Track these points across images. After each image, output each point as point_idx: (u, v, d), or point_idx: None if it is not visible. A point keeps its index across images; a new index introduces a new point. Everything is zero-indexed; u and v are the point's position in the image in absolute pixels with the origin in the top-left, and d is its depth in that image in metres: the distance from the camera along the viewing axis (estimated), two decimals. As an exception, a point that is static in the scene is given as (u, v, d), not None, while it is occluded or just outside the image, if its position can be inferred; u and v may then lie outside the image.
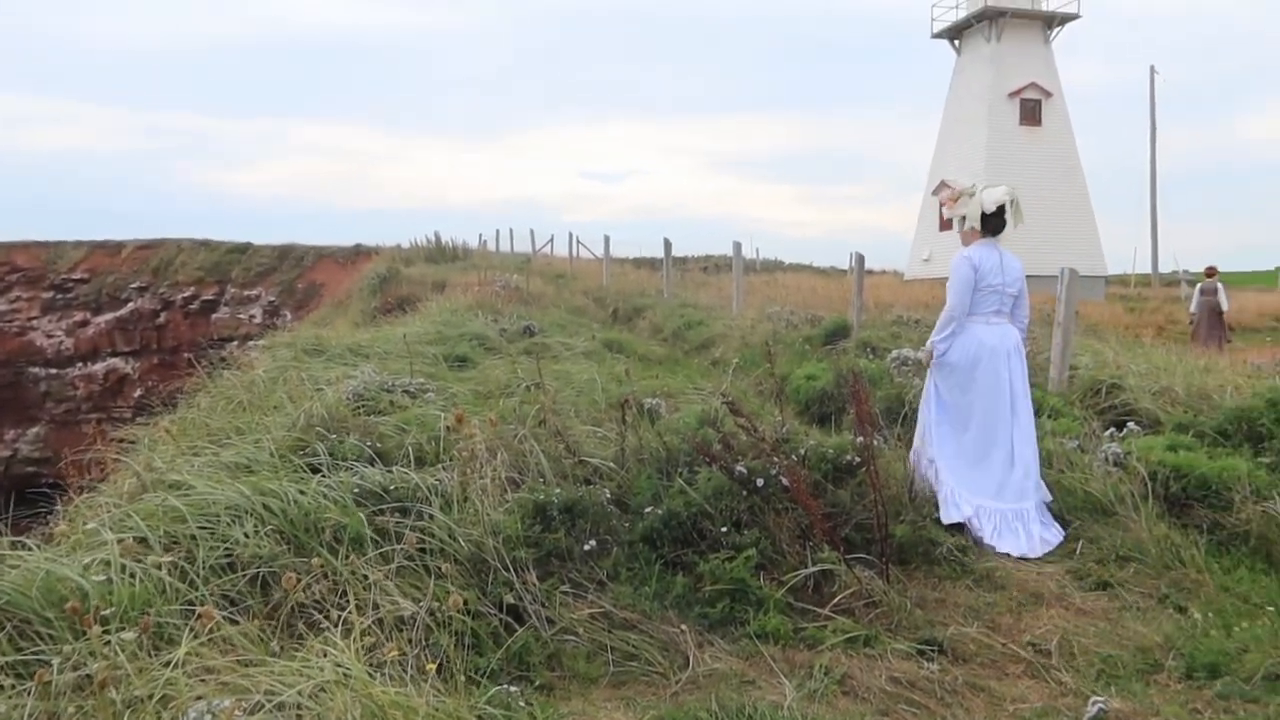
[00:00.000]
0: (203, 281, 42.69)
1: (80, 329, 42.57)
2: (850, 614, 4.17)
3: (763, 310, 14.82)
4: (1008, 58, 34.40)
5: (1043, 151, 34.27)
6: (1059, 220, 33.81)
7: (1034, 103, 34.48)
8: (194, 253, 43.96)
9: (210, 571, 3.60)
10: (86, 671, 2.84)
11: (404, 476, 4.48)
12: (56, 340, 42.56)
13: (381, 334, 10.42)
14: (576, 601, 4.02)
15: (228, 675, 2.85)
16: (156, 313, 42.38)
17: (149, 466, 4.85)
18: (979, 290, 5.62)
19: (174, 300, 42.27)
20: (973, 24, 35.28)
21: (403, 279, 22.13)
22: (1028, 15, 34.66)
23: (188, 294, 42.32)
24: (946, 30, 36.59)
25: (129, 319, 42.42)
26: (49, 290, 43.14)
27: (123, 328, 42.45)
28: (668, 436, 5.20)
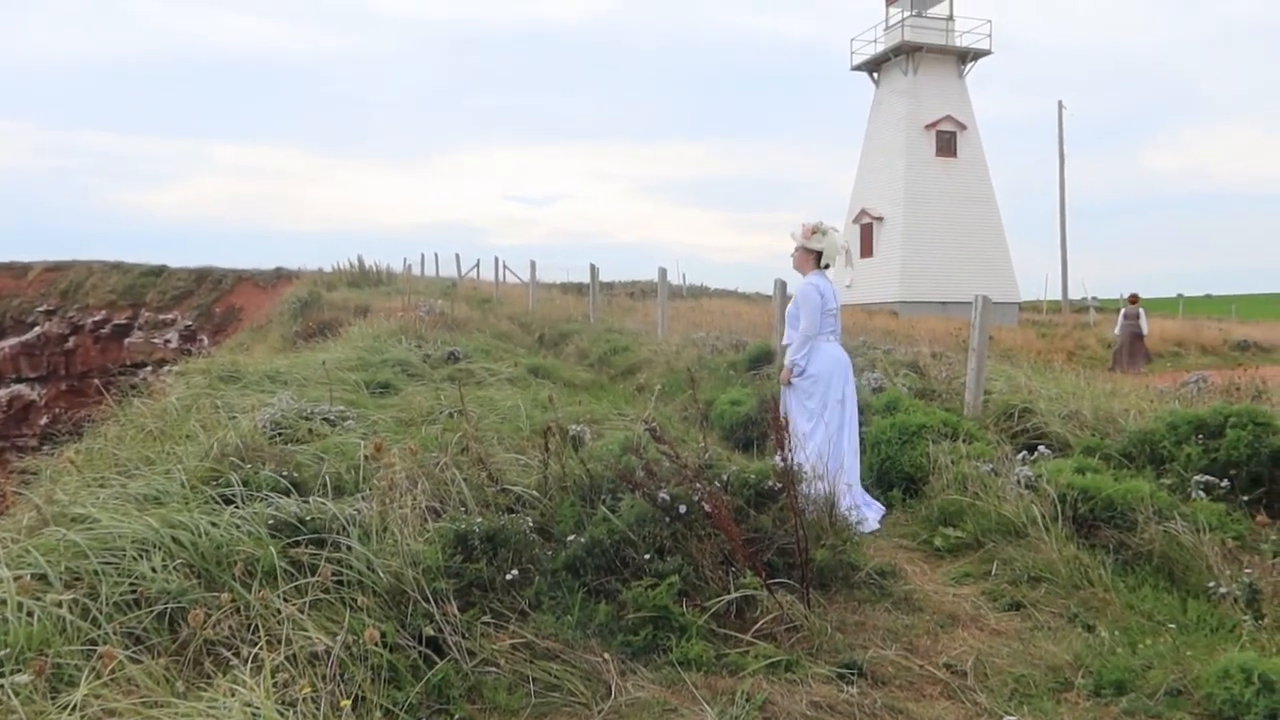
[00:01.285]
0: (115, 305, 41.39)
1: (-17, 354, 40.90)
2: (772, 639, 4.19)
3: (688, 336, 14.92)
4: (924, 91, 35.39)
5: (958, 181, 35.28)
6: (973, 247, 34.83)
7: (949, 135, 35.50)
8: (106, 275, 42.62)
9: (114, 609, 3.47)
10: (-21, 716, 2.71)
11: (321, 507, 4.38)
12: (-43, 366, 40.83)
13: (301, 360, 10.21)
14: (498, 632, 3.98)
15: (130, 718, 2.74)
16: (65, 337, 40.93)
17: (50, 499, 4.66)
18: (824, 313, 6.55)
19: (84, 324, 40.89)
20: (890, 58, 36.24)
21: (325, 304, 21.77)
22: (942, 51, 35.73)
23: (99, 318, 40.98)
24: (865, 63, 37.53)
25: (35, 343, 40.89)
26: (-51, 314, 41.39)
27: (28, 352, 40.89)
28: (591, 464, 5.19)
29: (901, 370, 9.92)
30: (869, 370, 9.74)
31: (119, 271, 42.97)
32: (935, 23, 36.08)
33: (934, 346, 12.58)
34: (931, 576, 5.22)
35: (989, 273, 34.11)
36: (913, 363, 10.49)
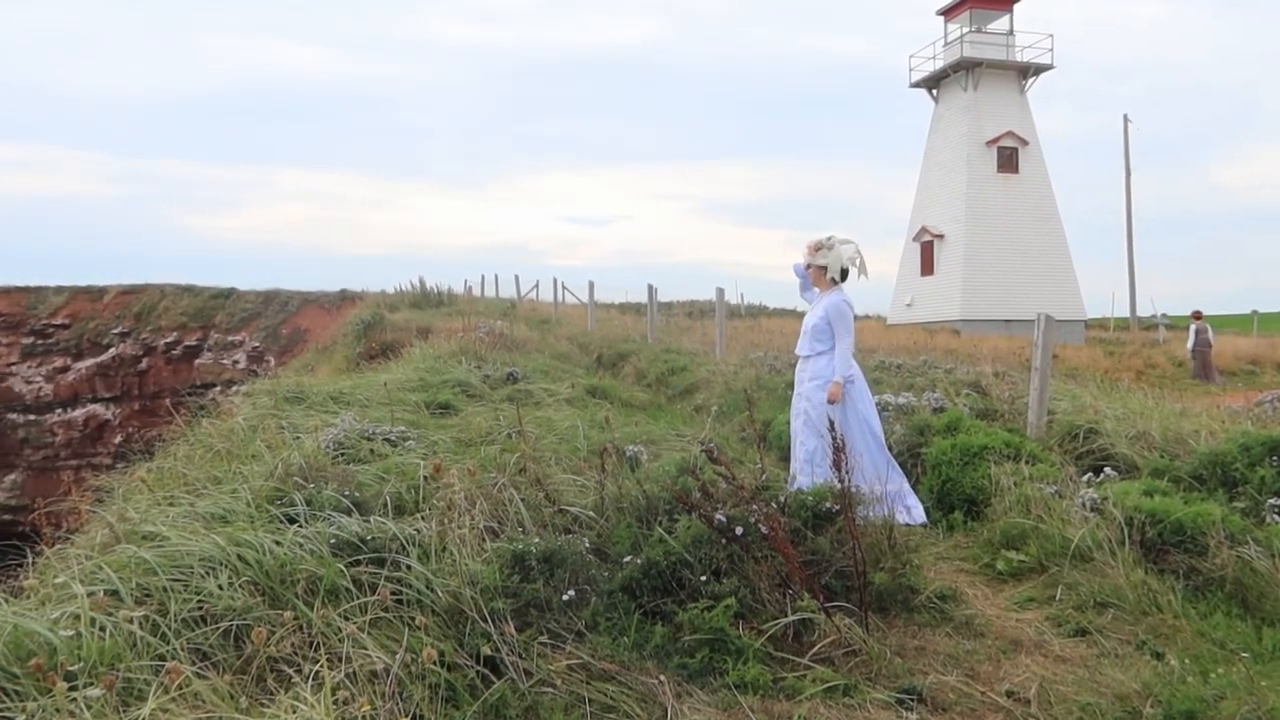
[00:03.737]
0: (186, 327, 42.54)
1: (60, 375, 42.27)
2: (830, 663, 4.15)
3: (746, 355, 14.88)
4: (984, 107, 35.00)
5: (1020, 198, 34.76)
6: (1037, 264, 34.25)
7: (1010, 151, 35.03)
8: (178, 298, 43.84)
9: (182, 625, 3.56)
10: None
11: (381, 526, 4.45)
12: (36, 386, 42.23)
13: (364, 381, 10.39)
14: (555, 652, 3.98)
15: (197, 732, 2.81)
16: (138, 358, 42.15)
17: (123, 517, 4.80)
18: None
19: (156, 346, 42.07)
20: (949, 74, 35.92)
21: (387, 325, 22.12)
22: (1003, 66, 35.32)
23: (170, 339, 42.15)
24: (924, 80, 37.24)
25: (110, 364, 42.16)
26: (29, 336, 42.87)
27: (104, 373, 42.17)
28: (648, 485, 5.19)
29: (963, 390, 9.79)
30: (929, 390, 9.62)
31: (190, 294, 44.19)
32: (995, 38, 35.70)
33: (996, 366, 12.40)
34: (993, 601, 5.13)
35: (1053, 290, 33.52)
36: (974, 382, 10.34)
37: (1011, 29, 35.89)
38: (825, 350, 6.91)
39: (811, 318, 7.04)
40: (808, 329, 7.05)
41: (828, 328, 6.88)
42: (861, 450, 6.55)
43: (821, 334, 6.92)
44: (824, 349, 6.92)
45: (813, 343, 6.98)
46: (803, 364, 7.14)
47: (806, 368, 7.06)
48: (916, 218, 37.31)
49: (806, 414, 6.96)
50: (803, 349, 7.12)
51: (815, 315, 6.99)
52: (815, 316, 6.98)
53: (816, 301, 7.08)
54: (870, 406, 7.07)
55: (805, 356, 7.08)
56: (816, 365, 6.95)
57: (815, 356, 6.97)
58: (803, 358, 7.13)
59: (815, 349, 6.97)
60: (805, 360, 7.09)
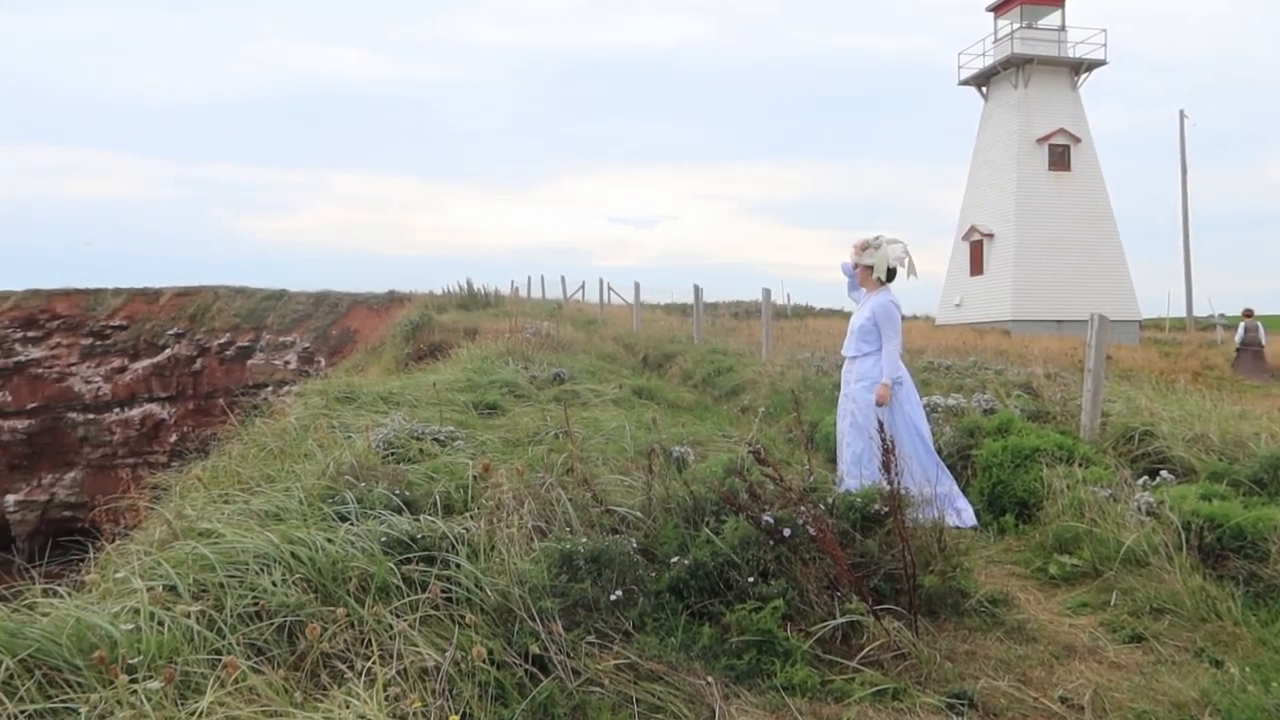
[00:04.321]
0: (239, 328, 43.30)
1: (118, 375, 43.24)
2: (879, 666, 4.12)
3: (792, 356, 14.81)
4: (1035, 104, 34.49)
5: (1073, 196, 34.21)
6: (1089, 263, 33.68)
7: (1062, 148, 34.48)
8: (231, 299, 44.64)
9: (238, 620, 3.62)
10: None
11: (431, 525, 4.49)
12: (94, 386, 43.23)
13: (413, 381, 10.50)
14: (602, 652, 4.00)
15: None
16: (193, 359, 42.98)
17: (180, 514, 4.90)
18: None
19: (210, 346, 42.87)
20: (999, 71, 35.45)
21: (435, 326, 22.33)
22: (1054, 62, 34.79)
23: (224, 340, 42.92)
24: (973, 77, 36.79)
25: (166, 365, 43.05)
26: (88, 337, 43.90)
27: (160, 373, 43.07)
28: (695, 485, 5.19)
29: (1014, 391, 9.66)
30: (979, 391, 9.51)
31: (243, 296, 44.97)
32: (1046, 34, 35.16)
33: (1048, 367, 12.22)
34: (1046, 605, 5.05)
35: (1106, 289, 32.92)
36: (1026, 383, 10.20)
37: (1063, 24, 35.33)
38: (872, 351, 6.87)
39: (858, 318, 7.00)
40: (854, 329, 7.01)
41: (874, 328, 6.84)
42: (909, 452, 6.49)
43: (868, 334, 6.88)
44: (871, 350, 6.87)
45: (859, 343, 6.94)
46: (849, 365, 7.09)
47: (853, 368, 7.02)
48: (965, 217, 36.88)
49: (853, 415, 6.92)
50: (849, 349, 7.08)
51: (862, 315, 6.95)
52: (862, 317, 6.95)
53: (863, 302, 7.04)
54: (918, 408, 7.01)
55: (852, 357, 7.04)
56: (863, 366, 6.90)
57: (862, 357, 6.93)
58: (849, 358, 7.09)
59: (862, 349, 6.93)
60: (852, 361, 7.05)
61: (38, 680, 3.12)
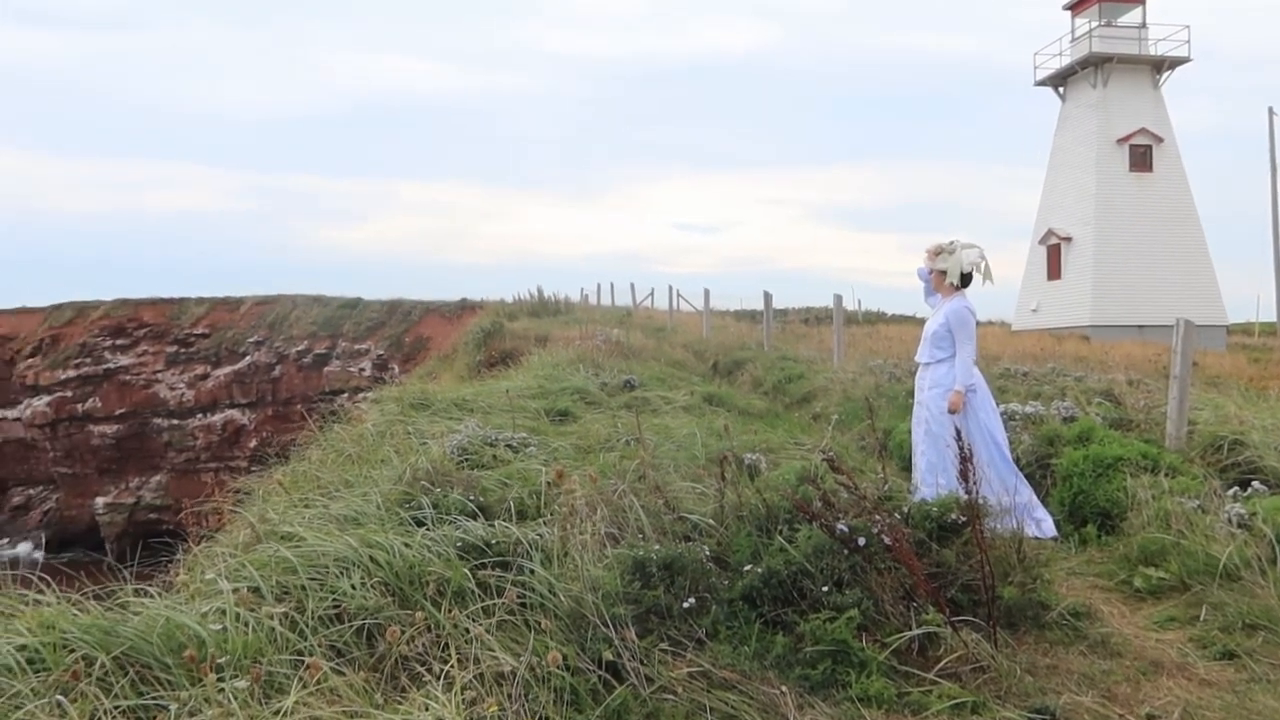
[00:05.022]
0: (315, 336, 44.31)
1: (201, 381, 44.55)
2: (957, 679, 4.04)
3: (864, 363, 14.64)
4: (1115, 103, 33.64)
5: (1155, 198, 33.27)
6: (1173, 267, 32.72)
7: (1144, 148, 33.57)
8: (308, 308, 45.70)
9: (319, 622, 3.70)
10: (202, 718, 2.95)
11: (505, 531, 4.54)
12: (179, 392, 44.61)
13: (485, 388, 10.63)
14: (675, 660, 3.99)
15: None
16: (272, 366, 44.10)
17: (263, 518, 5.03)
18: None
19: (288, 354, 43.94)
20: (1077, 70, 34.67)
21: (506, 333, 22.56)
22: (1134, 60, 33.91)
23: (301, 348, 43.96)
24: (1050, 77, 36.03)
25: (246, 372, 44.24)
26: (173, 344, 45.34)
27: (240, 380, 44.27)
28: (767, 493, 5.16)
29: (1095, 399, 9.42)
30: (1059, 399, 9.30)
31: (319, 304, 46.01)
32: (1126, 31, 34.28)
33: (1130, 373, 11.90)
34: (1131, 619, 4.91)
35: (1191, 293, 31.92)
36: (1107, 390, 9.95)
37: (1144, 21, 34.41)
38: (946, 357, 6.77)
39: (932, 324, 6.91)
40: (928, 335, 6.92)
41: (948, 334, 6.75)
42: (986, 461, 6.37)
43: (942, 340, 6.78)
44: (944, 356, 6.78)
45: (933, 349, 6.85)
46: (923, 371, 7.00)
47: (926, 375, 6.92)
48: (1042, 220, 36.10)
49: (927, 423, 6.82)
50: (923, 356, 6.98)
51: (936, 321, 6.86)
52: (936, 323, 6.85)
53: (938, 307, 6.95)
54: (994, 416, 6.88)
55: (925, 364, 6.95)
56: (937, 373, 6.81)
57: (935, 364, 6.83)
58: (923, 365, 6.99)
59: (935, 356, 6.83)
60: (925, 367, 6.95)
61: (130, 678, 3.23)
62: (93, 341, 45.33)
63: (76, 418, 44.03)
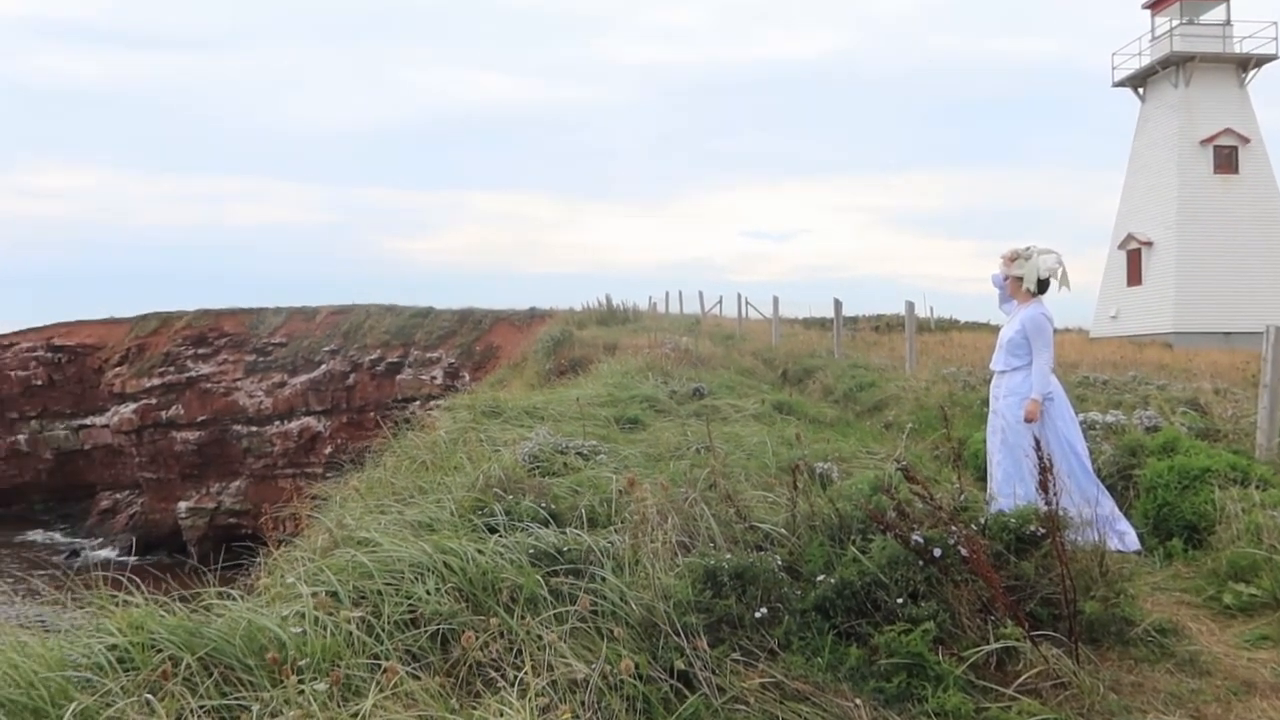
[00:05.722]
0: (388, 344, 45.10)
1: (278, 389, 45.63)
2: (1037, 695, 3.95)
3: (937, 371, 14.42)
4: (1198, 104, 32.65)
5: (1240, 200, 32.20)
6: (1261, 272, 31.62)
7: (1229, 149, 32.51)
8: (381, 317, 46.54)
9: (394, 627, 3.75)
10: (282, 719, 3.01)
11: (577, 538, 4.56)
12: (257, 400, 45.74)
13: (555, 396, 10.70)
14: (747, 670, 3.96)
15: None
16: (346, 374, 44.99)
17: (340, 523, 5.12)
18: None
19: (362, 362, 44.79)
20: (1158, 70, 33.74)
21: (575, 341, 22.69)
22: (1218, 59, 32.88)
23: (375, 356, 44.78)
24: (1130, 78, 35.12)
25: (322, 380, 45.19)
26: (251, 353, 46.55)
27: (316, 388, 45.23)
28: (840, 503, 5.10)
29: (1179, 408, 9.14)
30: (1141, 408, 9.04)
31: (392, 313, 46.84)
32: (1209, 29, 33.26)
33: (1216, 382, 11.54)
34: (1220, 637, 4.75)
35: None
36: (1192, 399, 9.65)
37: (1228, 19, 33.36)
38: (1022, 365, 6.64)
39: (1008, 331, 6.78)
40: (1003, 343, 6.79)
41: (1024, 341, 6.61)
42: (1065, 471, 6.22)
43: (1018, 348, 6.65)
44: (1020, 364, 6.65)
45: (1008, 357, 6.72)
46: (998, 379, 6.87)
47: (1002, 383, 6.79)
48: (1122, 224, 35.18)
49: (1003, 432, 6.69)
50: (998, 364, 6.85)
51: (1011, 328, 6.73)
52: (1011, 330, 6.73)
53: (1013, 314, 6.81)
54: (1072, 425, 6.71)
55: (1001, 371, 6.81)
56: (1012, 381, 6.68)
57: (1011, 372, 6.70)
58: (998, 373, 6.86)
59: (1011, 364, 6.70)
60: (1001, 375, 6.82)
61: (215, 679, 3.31)
62: (176, 351, 46.76)
63: (160, 424, 45.43)
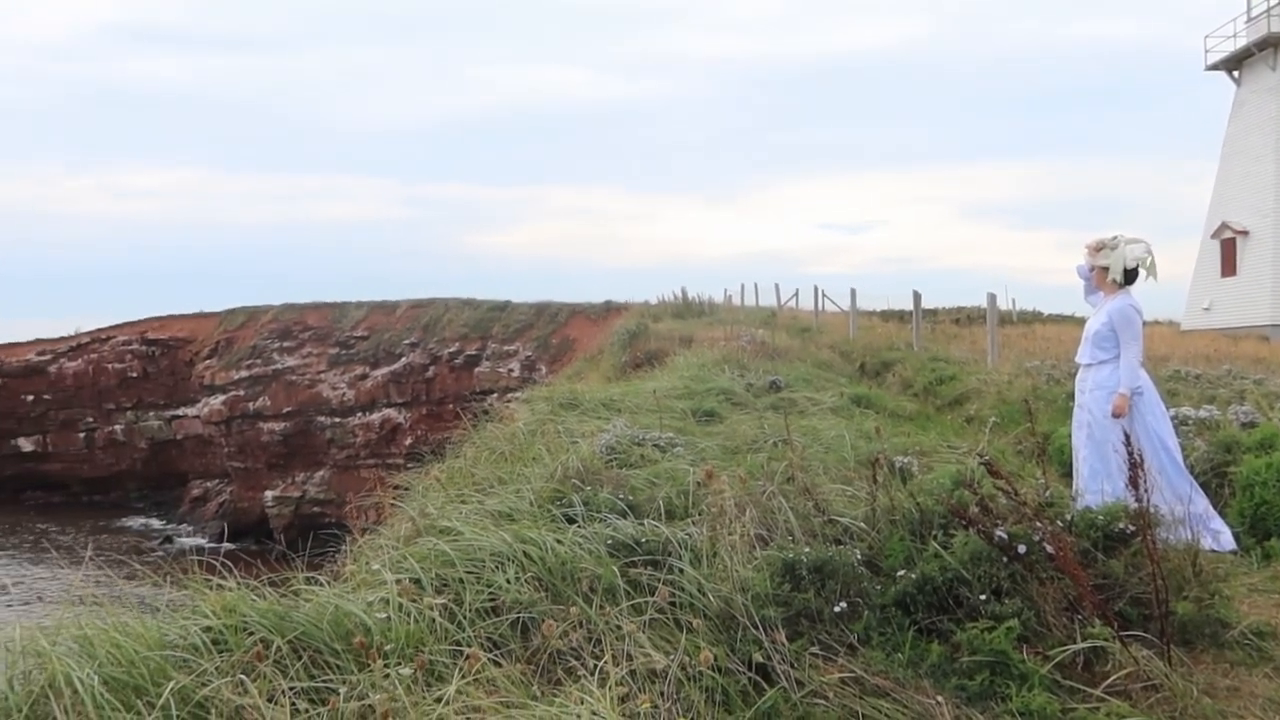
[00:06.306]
0: (467, 338, 45.78)
1: (360, 381, 46.65)
2: (1126, 697, 3.84)
3: (1020, 364, 14.12)
4: (1299, 86, 31.30)
5: (1346, 187, 30.78)
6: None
7: (1332, 134, 31.11)
8: (459, 311, 47.25)
9: (475, 614, 3.81)
10: (369, 702, 3.08)
11: (655, 530, 4.57)
12: (340, 392, 46.84)
13: (632, 388, 10.75)
14: (826, 664, 3.94)
15: (492, 716, 3.00)
16: (426, 367, 45.81)
17: (422, 512, 5.22)
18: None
19: (441, 355, 45.55)
20: (1254, 53, 32.43)
21: (651, 334, 22.73)
22: (1322, 39, 31.46)
23: (453, 349, 45.50)
24: (1223, 61, 33.84)
25: (402, 372, 46.08)
26: (335, 346, 47.67)
27: (396, 380, 46.15)
28: (921, 497, 5.03)
29: (1277, 403, 8.80)
30: (1236, 403, 8.73)
31: (470, 307, 47.52)
32: (1312, 9, 31.86)
33: (1318, 376, 11.07)
34: (1323, 641, 4.56)
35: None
36: (1292, 394, 9.27)
37: (1332, -3, 31.91)
38: (1109, 358, 6.47)
39: (1094, 323, 6.60)
40: (1089, 335, 6.61)
41: (1111, 334, 6.44)
42: (1155, 467, 6.03)
43: (1105, 340, 6.48)
44: (1107, 357, 6.47)
45: (1095, 350, 6.54)
46: (1084, 372, 6.69)
47: (1088, 376, 6.62)
48: (1215, 213, 33.94)
49: (1089, 427, 6.52)
50: (1084, 356, 6.68)
51: (1098, 320, 6.56)
52: (1098, 322, 6.55)
53: (1100, 306, 6.64)
54: (1163, 420, 6.51)
55: (1087, 365, 6.64)
56: (1099, 374, 6.50)
57: (1098, 365, 6.53)
58: (1084, 366, 6.69)
59: (1098, 357, 6.53)
60: (1087, 369, 6.65)
61: (304, 662, 3.40)
62: (262, 344, 48.13)
63: (248, 415, 46.81)
